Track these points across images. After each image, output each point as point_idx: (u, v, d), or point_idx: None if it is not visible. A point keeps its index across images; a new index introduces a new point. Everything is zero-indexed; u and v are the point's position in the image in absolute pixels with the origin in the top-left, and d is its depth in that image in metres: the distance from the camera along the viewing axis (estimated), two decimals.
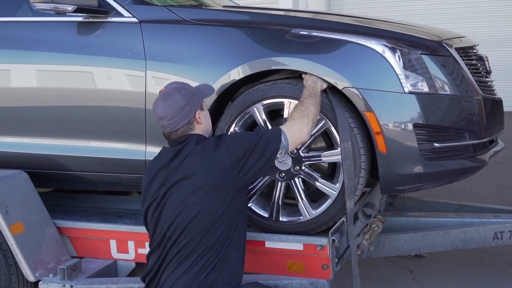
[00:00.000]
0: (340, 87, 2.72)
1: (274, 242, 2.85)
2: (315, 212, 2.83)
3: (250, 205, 2.87)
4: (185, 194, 2.45)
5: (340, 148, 2.71)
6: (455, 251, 3.49)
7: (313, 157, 2.81)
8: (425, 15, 9.12)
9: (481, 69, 3.13)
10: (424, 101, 2.73)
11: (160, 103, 2.53)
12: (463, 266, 3.85)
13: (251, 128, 2.94)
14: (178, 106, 2.51)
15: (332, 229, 2.75)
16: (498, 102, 3.17)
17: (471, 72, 2.96)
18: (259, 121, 2.85)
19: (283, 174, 2.83)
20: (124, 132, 3.10)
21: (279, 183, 2.85)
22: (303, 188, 2.84)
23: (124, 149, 3.10)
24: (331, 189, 2.79)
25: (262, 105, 2.83)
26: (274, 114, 2.93)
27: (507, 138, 3.65)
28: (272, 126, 2.84)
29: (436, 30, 3.24)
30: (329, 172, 2.98)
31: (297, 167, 2.82)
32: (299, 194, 2.84)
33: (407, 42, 2.80)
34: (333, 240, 2.72)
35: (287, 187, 2.86)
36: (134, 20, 3.05)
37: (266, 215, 2.90)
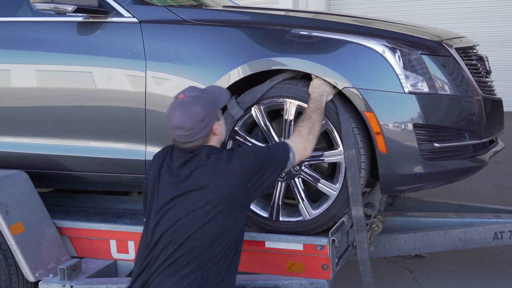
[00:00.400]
0: (340, 87, 2.72)
1: (274, 242, 2.84)
2: (315, 212, 2.83)
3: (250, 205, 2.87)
4: (192, 206, 2.35)
5: (344, 155, 2.70)
6: (455, 251, 3.48)
7: (315, 157, 2.81)
8: (425, 15, 9.12)
9: (481, 69, 3.13)
10: (424, 101, 2.73)
11: (178, 112, 2.40)
12: (463, 266, 3.85)
13: (251, 128, 2.94)
14: (198, 118, 2.39)
15: (332, 229, 2.75)
16: (498, 102, 3.17)
17: (471, 72, 2.96)
18: (259, 122, 2.86)
19: (283, 174, 2.83)
20: (124, 132, 3.10)
21: (279, 183, 2.85)
22: (303, 188, 2.84)
23: (124, 149, 3.10)
24: (331, 189, 2.79)
25: (262, 105, 2.83)
26: (274, 114, 2.94)
27: (507, 138, 3.64)
28: (272, 126, 2.85)
29: (436, 30, 3.24)
30: (329, 172, 2.98)
31: (297, 167, 2.82)
32: (299, 194, 2.84)
33: (407, 42, 2.81)
34: (333, 240, 2.72)
35: (287, 187, 2.87)
36: (134, 20, 3.05)
37: (266, 215, 2.90)
